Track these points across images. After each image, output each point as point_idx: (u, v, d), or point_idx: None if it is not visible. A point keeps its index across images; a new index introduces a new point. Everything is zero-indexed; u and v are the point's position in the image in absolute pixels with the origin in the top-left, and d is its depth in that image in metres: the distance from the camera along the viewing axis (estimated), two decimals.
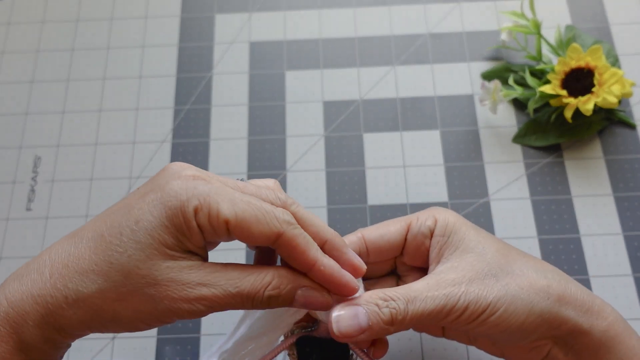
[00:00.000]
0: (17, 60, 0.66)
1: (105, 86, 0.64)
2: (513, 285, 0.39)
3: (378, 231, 0.44)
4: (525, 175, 0.58)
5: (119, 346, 0.53)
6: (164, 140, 0.61)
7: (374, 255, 0.44)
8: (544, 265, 0.42)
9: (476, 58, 0.64)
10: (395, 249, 0.44)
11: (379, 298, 0.38)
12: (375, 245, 0.43)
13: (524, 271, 0.41)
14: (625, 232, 0.55)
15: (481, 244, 0.41)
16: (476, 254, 0.41)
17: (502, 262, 0.40)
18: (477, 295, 0.38)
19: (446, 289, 0.39)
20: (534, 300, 0.39)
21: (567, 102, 0.56)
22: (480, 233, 0.42)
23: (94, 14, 0.68)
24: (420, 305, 0.38)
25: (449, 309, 0.38)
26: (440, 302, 0.38)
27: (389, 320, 0.38)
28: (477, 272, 0.40)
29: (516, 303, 0.39)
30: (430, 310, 0.38)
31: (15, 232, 0.58)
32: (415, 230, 0.43)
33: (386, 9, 0.67)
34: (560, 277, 0.41)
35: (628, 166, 0.58)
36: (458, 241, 0.41)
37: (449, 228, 0.42)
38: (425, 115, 0.61)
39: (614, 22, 0.65)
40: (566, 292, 0.40)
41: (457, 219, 0.43)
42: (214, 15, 0.68)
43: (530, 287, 0.40)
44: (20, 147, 0.61)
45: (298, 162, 0.60)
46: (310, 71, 0.64)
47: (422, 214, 0.44)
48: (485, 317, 0.38)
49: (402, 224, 0.44)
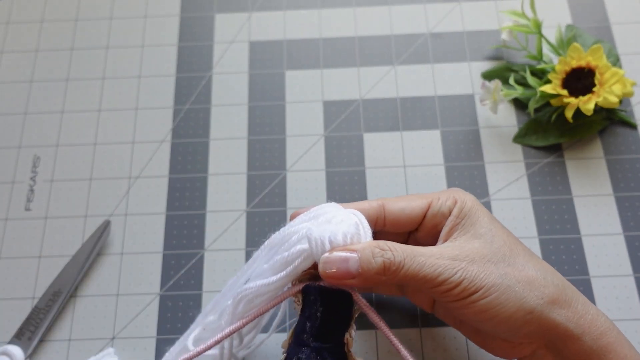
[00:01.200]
0: (16, 59, 0.66)
1: (104, 86, 0.64)
2: (510, 276, 0.40)
3: (399, 204, 0.45)
4: (525, 175, 0.58)
5: (119, 346, 0.53)
6: (164, 140, 0.61)
7: (391, 226, 0.45)
8: (545, 267, 0.42)
9: (476, 58, 0.64)
10: (412, 223, 0.45)
11: (377, 246, 0.40)
12: (394, 216, 0.44)
13: (525, 267, 0.41)
14: (625, 232, 0.55)
15: (491, 232, 0.42)
16: (484, 241, 0.42)
17: (506, 253, 0.41)
18: (473, 275, 0.39)
19: (447, 260, 0.40)
20: (527, 296, 0.40)
21: (568, 101, 0.56)
22: (493, 222, 0.43)
23: (93, 13, 0.68)
24: (417, 265, 0.39)
25: (443, 279, 0.39)
26: (437, 270, 0.39)
27: (380, 268, 0.39)
28: (480, 255, 0.40)
29: (509, 294, 0.39)
30: (425, 273, 0.39)
31: (14, 232, 0.57)
32: (436, 210, 0.44)
33: (386, 9, 0.67)
34: (559, 281, 0.42)
35: (629, 166, 0.58)
36: (470, 225, 0.43)
37: (464, 211, 0.43)
38: (426, 115, 0.61)
39: (614, 22, 0.65)
40: (561, 297, 0.40)
41: (474, 204, 0.44)
42: (213, 14, 0.67)
43: (526, 283, 0.40)
44: (19, 147, 0.61)
45: (298, 162, 0.60)
46: (310, 71, 0.64)
47: (443, 194, 0.45)
48: (475, 299, 0.39)
49: (424, 201, 0.44)
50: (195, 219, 0.57)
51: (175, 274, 0.55)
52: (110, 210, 0.58)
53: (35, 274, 0.56)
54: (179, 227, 0.57)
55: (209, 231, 0.57)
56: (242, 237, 0.56)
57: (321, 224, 0.41)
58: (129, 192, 0.59)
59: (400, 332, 0.52)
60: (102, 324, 0.54)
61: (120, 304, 0.54)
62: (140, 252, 0.56)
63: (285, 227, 0.43)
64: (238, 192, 0.58)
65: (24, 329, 0.53)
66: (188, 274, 0.55)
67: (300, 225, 0.42)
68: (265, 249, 0.44)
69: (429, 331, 0.52)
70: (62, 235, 0.57)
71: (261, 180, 0.59)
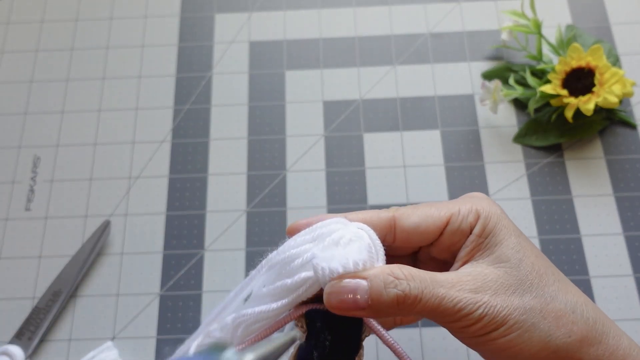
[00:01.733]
0: (16, 60, 0.66)
1: (104, 86, 0.64)
2: (537, 311, 0.36)
3: (413, 219, 0.39)
4: (525, 175, 0.58)
5: (119, 346, 0.53)
6: (164, 140, 0.61)
7: (401, 242, 0.40)
8: (576, 296, 0.38)
9: (476, 58, 0.64)
10: (426, 241, 0.40)
11: (390, 274, 0.35)
12: (407, 233, 0.39)
13: (554, 299, 0.37)
14: (626, 233, 0.55)
15: (518, 255, 0.37)
16: (509, 266, 0.37)
17: (534, 281, 0.37)
18: (496, 311, 0.35)
19: (468, 294, 0.35)
20: (554, 334, 0.36)
21: (568, 101, 0.56)
22: (520, 240, 0.38)
23: (93, 13, 0.68)
24: (437, 299, 0.35)
25: (464, 314, 0.35)
26: (458, 304, 0.35)
27: (393, 302, 0.35)
28: (504, 286, 0.36)
29: (533, 331, 0.35)
30: (445, 308, 0.35)
31: (14, 233, 0.57)
32: (455, 227, 0.38)
33: (386, 9, 0.67)
34: (591, 313, 0.37)
35: (629, 166, 0.58)
36: (494, 245, 0.38)
37: (488, 229, 0.38)
38: (426, 115, 0.61)
39: (614, 22, 0.65)
40: (591, 333, 0.36)
41: (499, 219, 0.38)
42: (213, 14, 0.67)
43: (554, 319, 0.36)
44: (20, 147, 0.61)
45: (298, 162, 0.60)
46: (310, 71, 0.64)
47: (464, 206, 0.39)
48: (496, 336, 0.35)
49: (442, 216, 0.39)
50: (196, 219, 0.57)
51: (176, 274, 0.55)
52: (111, 210, 0.58)
53: (35, 274, 0.56)
54: (179, 227, 0.57)
55: (209, 231, 0.57)
56: (242, 237, 0.56)
57: (327, 247, 0.36)
58: (129, 192, 0.59)
59: (401, 332, 0.52)
60: (102, 324, 0.54)
61: (121, 304, 0.54)
62: (141, 252, 0.56)
63: (285, 244, 0.38)
64: (238, 192, 0.58)
65: (24, 329, 0.53)
66: (188, 274, 0.55)
67: (303, 247, 0.37)
68: (263, 269, 0.40)
69: (429, 331, 0.52)
70: (62, 235, 0.57)
71: (261, 180, 0.59)
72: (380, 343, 0.52)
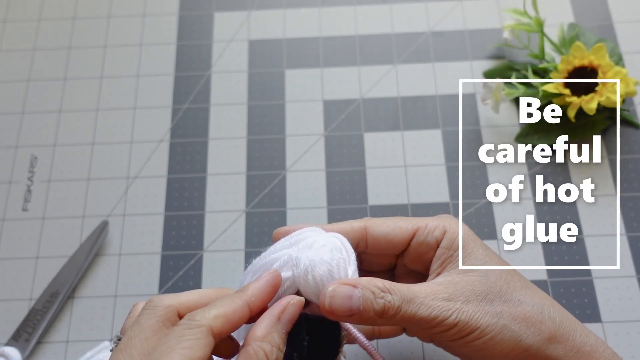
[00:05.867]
0: (13, 58, 0.65)
1: (102, 85, 0.64)
2: (506, 314, 0.40)
3: (383, 228, 0.43)
4: (527, 175, 0.58)
5: None
6: (162, 139, 0.61)
7: (373, 249, 0.44)
8: (543, 299, 0.42)
9: (478, 56, 0.64)
10: (395, 249, 0.44)
11: (377, 287, 0.39)
12: (376, 241, 0.43)
13: (522, 302, 0.41)
14: (629, 233, 0.55)
15: (486, 265, 0.41)
16: (479, 275, 0.41)
17: (502, 287, 0.41)
18: (469, 316, 0.39)
19: (441, 302, 0.39)
20: (524, 334, 0.39)
21: (570, 101, 0.56)
22: (488, 252, 0.42)
23: (91, 11, 0.68)
24: (414, 308, 0.39)
25: (439, 321, 0.39)
26: (433, 312, 0.39)
27: (380, 311, 0.38)
28: (475, 293, 0.40)
29: (505, 333, 0.39)
30: (421, 317, 0.39)
31: (11, 233, 0.57)
32: (421, 239, 0.43)
33: (387, 7, 0.66)
34: (557, 314, 0.41)
35: (632, 166, 0.58)
36: (464, 257, 0.42)
37: (456, 242, 0.42)
38: (427, 115, 0.61)
39: (617, 20, 0.64)
40: (558, 332, 0.40)
41: (466, 234, 0.42)
42: (212, 13, 0.67)
43: (523, 320, 0.40)
44: (17, 147, 0.61)
45: (298, 162, 0.59)
46: (310, 70, 0.64)
47: (432, 222, 0.43)
48: (471, 339, 0.39)
49: (409, 228, 0.43)
50: (194, 220, 0.57)
51: (174, 275, 0.55)
52: (108, 210, 0.58)
53: (32, 275, 0.55)
54: (177, 228, 0.57)
55: (208, 232, 0.57)
56: (242, 238, 0.56)
57: (302, 249, 0.40)
58: (127, 193, 0.59)
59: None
60: (100, 326, 0.53)
61: (119, 306, 0.54)
62: (139, 253, 0.56)
63: (266, 252, 0.42)
64: (237, 193, 0.58)
65: (21, 330, 0.52)
66: (187, 275, 0.55)
67: (282, 252, 0.41)
68: (248, 275, 0.43)
69: None
70: (60, 236, 0.57)
71: (261, 180, 0.59)
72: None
